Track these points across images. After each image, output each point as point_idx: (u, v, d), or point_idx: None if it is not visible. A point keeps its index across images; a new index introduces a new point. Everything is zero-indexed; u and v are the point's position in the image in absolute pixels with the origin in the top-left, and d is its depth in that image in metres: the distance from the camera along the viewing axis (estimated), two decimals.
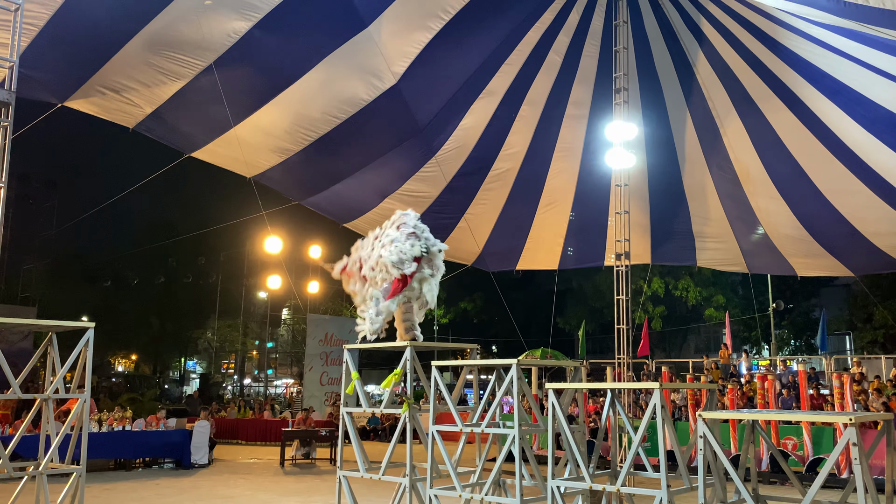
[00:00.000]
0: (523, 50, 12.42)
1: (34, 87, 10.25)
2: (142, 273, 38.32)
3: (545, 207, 15.05)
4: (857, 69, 10.50)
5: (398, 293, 6.93)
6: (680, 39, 12.53)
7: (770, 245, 14.99)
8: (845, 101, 11.34)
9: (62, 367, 6.36)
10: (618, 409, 6.34)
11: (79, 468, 6.42)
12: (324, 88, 11.39)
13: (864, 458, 4.21)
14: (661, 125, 13.85)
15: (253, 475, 14.09)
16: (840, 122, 11.78)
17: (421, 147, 12.99)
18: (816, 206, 13.49)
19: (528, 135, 13.85)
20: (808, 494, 4.51)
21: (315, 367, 25.90)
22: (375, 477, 6.88)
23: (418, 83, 11.70)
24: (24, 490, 6.56)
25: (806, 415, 11.53)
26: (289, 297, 37.04)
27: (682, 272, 33.23)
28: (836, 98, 11.43)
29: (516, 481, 5.86)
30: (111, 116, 11.46)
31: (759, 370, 19.68)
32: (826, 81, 11.33)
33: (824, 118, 11.99)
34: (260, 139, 12.27)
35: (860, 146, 11.92)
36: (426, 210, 13.80)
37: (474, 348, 7.41)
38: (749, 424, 5.31)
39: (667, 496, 5.03)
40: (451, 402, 6.52)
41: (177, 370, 46.85)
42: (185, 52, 10.36)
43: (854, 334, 33.01)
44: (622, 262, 12.72)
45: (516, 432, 5.88)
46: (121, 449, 14.34)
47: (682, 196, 14.75)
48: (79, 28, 9.58)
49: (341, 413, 7.41)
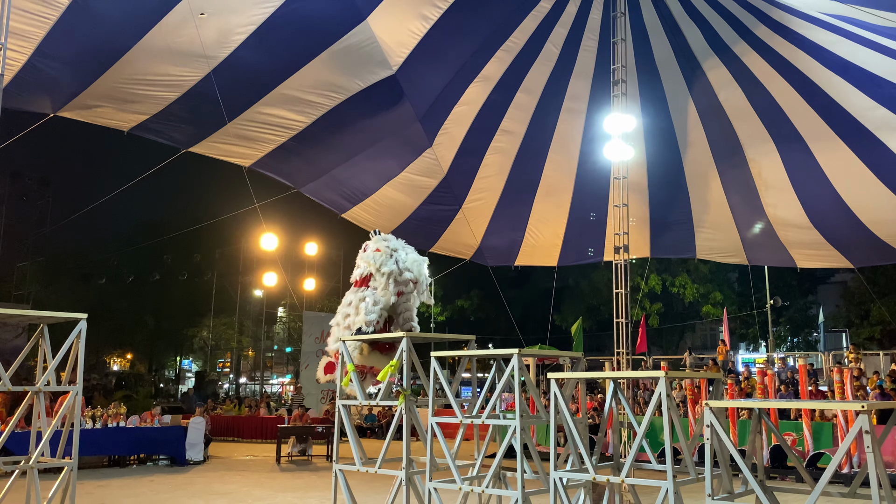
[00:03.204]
0: (520, 38, 12.34)
1: (27, 99, 10.21)
2: (136, 271, 38.11)
3: (542, 199, 14.97)
4: (865, 51, 10.61)
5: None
6: (680, 28, 12.44)
7: (772, 234, 14.93)
8: (855, 78, 11.38)
9: (54, 359, 6.23)
10: (620, 400, 6.22)
11: (70, 462, 6.27)
12: (322, 78, 11.32)
13: (877, 446, 4.10)
14: (660, 117, 13.78)
15: (249, 472, 13.97)
16: (851, 99, 11.80)
17: (418, 135, 12.91)
18: (820, 192, 13.47)
19: (524, 124, 13.79)
20: (819, 483, 4.40)
21: (311, 364, 25.78)
22: (371, 470, 6.75)
23: (415, 72, 11.64)
24: (15, 487, 6.42)
25: (816, 403, 11.43)
26: (284, 294, 36.89)
27: (679, 269, 33.18)
28: (846, 74, 11.52)
29: (517, 473, 5.74)
30: (105, 123, 11.47)
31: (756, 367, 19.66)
32: (836, 59, 11.38)
33: (835, 96, 12.00)
34: (256, 132, 12.20)
35: (871, 123, 11.94)
36: (424, 201, 13.73)
37: (472, 339, 7.29)
38: (756, 414, 5.19)
39: (673, 486, 4.91)
40: (450, 393, 6.39)
41: (172, 369, 46.63)
42: (182, 64, 10.36)
43: (851, 331, 33.01)
44: (621, 255, 12.62)
45: (517, 423, 5.75)
46: (115, 445, 14.19)
47: (683, 187, 14.69)
48: (72, 42, 9.56)
49: (337, 405, 7.28)
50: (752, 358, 27.15)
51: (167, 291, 37.88)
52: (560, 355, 7.74)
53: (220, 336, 40.26)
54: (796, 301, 36.15)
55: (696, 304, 34.46)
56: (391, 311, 7.23)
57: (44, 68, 9.68)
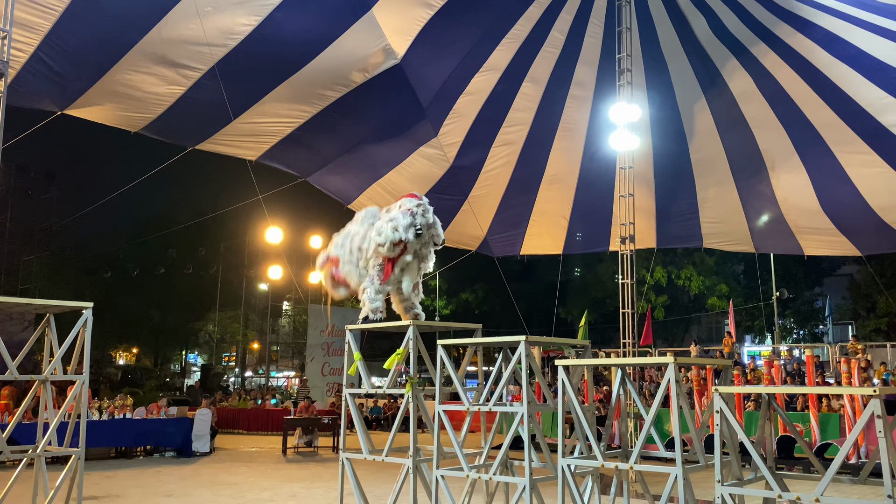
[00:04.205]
0: (525, 25, 12.27)
1: (33, 97, 10.20)
2: (142, 264, 38.18)
3: (548, 187, 14.91)
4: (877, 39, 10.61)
5: (392, 274, 6.84)
6: (685, 16, 12.36)
7: (780, 219, 14.83)
8: (862, 66, 11.34)
9: (60, 348, 6.22)
10: (628, 388, 6.18)
11: (78, 451, 6.28)
12: (328, 70, 11.29)
13: (889, 431, 4.06)
14: (667, 105, 13.69)
15: (255, 463, 14.00)
16: (858, 86, 11.75)
17: (423, 125, 12.87)
18: (832, 176, 13.41)
19: (530, 113, 13.71)
20: (828, 471, 4.36)
21: (316, 357, 25.85)
22: (378, 458, 6.74)
23: (420, 61, 11.59)
24: (23, 477, 6.43)
25: (827, 388, 11.36)
26: (289, 288, 36.94)
27: (684, 261, 33.11)
28: (853, 62, 11.45)
29: (525, 461, 5.71)
30: (112, 123, 11.46)
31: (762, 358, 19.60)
32: (847, 48, 11.31)
33: (842, 84, 11.94)
34: (262, 125, 12.20)
35: (877, 109, 11.89)
36: (430, 190, 13.69)
37: (478, 328, 7.25)
38: (765, 401, 5.16)
39: (682, 472, 4.88)
40: (457, 381, 6.36)
41: (178, 362, 46.77)
42: (187, 57, 10.30)
43: (857, 323, 32.91)
44: (627, 245, 12.56)
45: (524, 409, 5.73)
46: (121, 437, 14.24)
47: (690, 176, 14.60)
48: (76, 40, 9.54)
49: (343, 395, 7.26)
50: (758, 350, 27.02)
51: (172, 285, 37.97)
52: (567, 343, 7.70)
53: (226, 329, 40.34)
54: (802, 293, 36.06)
55: (702, 296, 34.40)
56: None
57: (50, 63, 9.66)
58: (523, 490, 5.71)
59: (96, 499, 9.67)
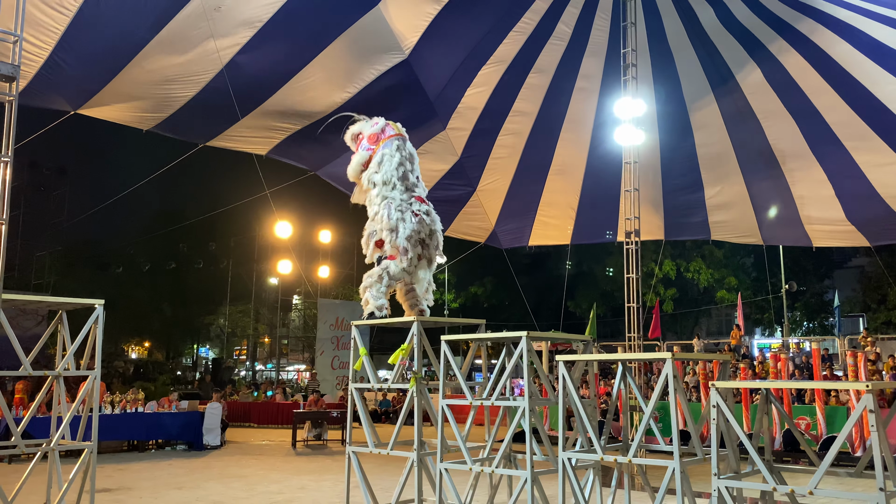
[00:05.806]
0: (532, 18, 12.30)
1: (46, 98, 10.31)
2: (153, 259, 38.48)
3: (554, 178, 14.95)
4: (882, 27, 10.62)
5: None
6: (693, 8, 12.36)
7: (788, 210, 14.80)
8: (878, 56, 11.35)
9: (72, 344, 6.36)
10: (629, 383, 6.26)
11: (90, 444, 6.42)
12: (335, 69, 11.35)
13: (881, 426, 4.13)
14: (673, 99, 13.70)
15: (265, 456, 14.17)
16: (869, 74, 11.76)
17: (432, 118, 12.93)
18: (842, 168, 13.40)
19: (536, 104, 13.75)
20: (822, 463, 4.43)
21: (326, 351, 26.01)
22: (384, 452, 6.86)
23: (428, 55, 11.64)
24: (37, 471, 6.58)
25: (820, 383, 11.43)
26: (299, 282, 37.14)
27: (693, 254, 33.03)
28: (872, 54, 11.47)
29: (527, 454, 5.81)
30: (125, 122, 11.57)
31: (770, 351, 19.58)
32: (862, 38, 11.31)
33: (856, 74, 11.93)
34: (272, 122, 12.28)
35: (887, 98, 11.91)
36: (438, 183, 13.77)
37: (482, 323, 7.33)
38: (763, 395, 5.23)
39: (679, 466, 4.96)
40: (460, 376, 6.46)
41: (189, 356, 47.11)
42: (196, 59, 10.36)
43: (867, 315, 32.75)
44: (632, 239, 12.61)
45: (526, 404, 5.82)
46: (133, 430, 14.44)
47: (696, 169, 14.60)
48: (91, 40, 9.59)
49: (350, 389, 7.38)
50: (768, 343, 26.98)
51: (183, 280, 38.26)
52: (570, 338, 7.77)
53: (237, 323, 40.64)
54: (812, 286, 35.89)
55: (711, 289, 34.29)
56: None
57: (64, 66, 9.74)
58: (525, 483, 5.81)
59: (109, 491, 9.84)
